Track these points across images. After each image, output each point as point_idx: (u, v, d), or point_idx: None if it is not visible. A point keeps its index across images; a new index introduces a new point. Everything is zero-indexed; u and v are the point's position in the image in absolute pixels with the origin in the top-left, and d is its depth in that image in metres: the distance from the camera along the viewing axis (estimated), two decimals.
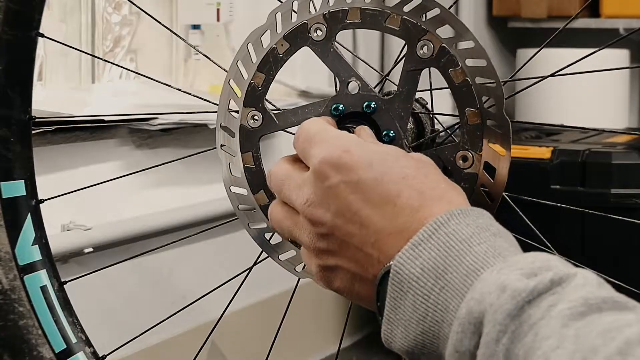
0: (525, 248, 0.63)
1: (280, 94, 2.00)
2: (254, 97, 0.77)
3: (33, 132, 0.89)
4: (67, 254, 1.48)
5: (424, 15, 0.73)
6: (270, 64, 0.77)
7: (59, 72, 1.73)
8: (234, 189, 0.78)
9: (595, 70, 0.92)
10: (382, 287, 0.63)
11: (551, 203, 0.93)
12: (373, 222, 0.63)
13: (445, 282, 0.59)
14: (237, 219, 0.80)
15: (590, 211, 0.95)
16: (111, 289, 1.61)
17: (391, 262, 0.61)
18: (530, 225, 0.84)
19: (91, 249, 1.51)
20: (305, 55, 0.80)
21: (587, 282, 0.56)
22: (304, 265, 0.78)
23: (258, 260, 0.87)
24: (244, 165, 0.78)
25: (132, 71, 1.76)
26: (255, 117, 0.77)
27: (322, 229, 0.66)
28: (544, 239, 0.85)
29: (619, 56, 2.51)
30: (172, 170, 1.75)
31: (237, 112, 0.78)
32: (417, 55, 0.73)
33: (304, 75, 2.02)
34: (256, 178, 0.78)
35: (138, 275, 1.68)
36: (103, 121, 1.52)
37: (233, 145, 0.78)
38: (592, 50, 0.90)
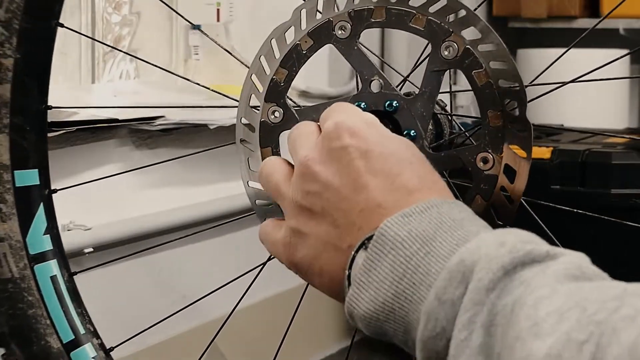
0: None
1: None
2: (276, 92, 0.77)
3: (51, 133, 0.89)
4: (67, 254, 1.47)
5: (448, 16, 0.73)
6: (293, 60, 0.77)
7: (58, 72, 1.73)
8: (252, 184, 0.79)
9: (620, 77, 0.92)
10: (357, 254, 0.62)
11: (567, 208, 0.93)
12: (368, 190, 0.63)
13: (431, 248, 0.59)
14: (243, 217, 0.80)
15: (606, 217, 0.94)
16: (111, 288, 1.61)
17: (374, 231, 0.61)
18: (546, 229, 0.84)
19: (91, 249, 1.51)
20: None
21: (582, 260, 0.56)
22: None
23: (272, 256, 0.87)
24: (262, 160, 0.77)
25: (151, 64, 1.76)
26: (276, 113, 0.77)
27: (314, 185, 0.65)
28: (558, 243, 0.85)
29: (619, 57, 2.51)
30: (172, 170, 1.75)
31: (257, 107, 0.78)
32: (441, 56, 0.73)
33: (304, 75, 2.02)
34: None
35: (138, 275, 1.68)
36: (118, 120, 1.52)
37: (253, 140, 0.78)
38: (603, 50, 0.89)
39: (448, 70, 0.75)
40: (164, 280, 1.74)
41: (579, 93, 2.44)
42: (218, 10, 1.96)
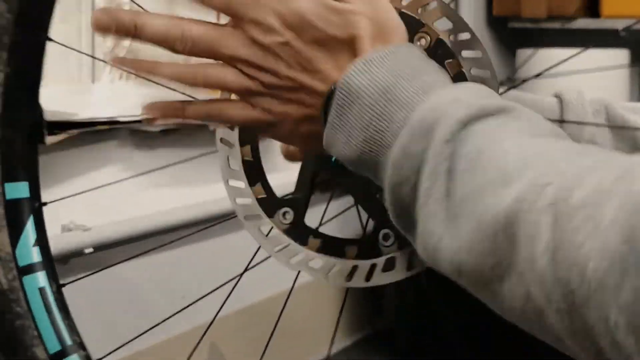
0: None
1: None
2: None
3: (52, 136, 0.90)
4: (67, 254, 1.48)
5: (420, 8, 0.75)
6: None
7: (59, 72, 1.73)
8: (231, 182, 0.79)
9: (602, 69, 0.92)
10: (329, 101, 0.64)
11: None
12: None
13: (392, 96, 0.62)
14: (225, 220, 0.80)
15: None
16: (111, 289, 1.61)
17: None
18: None
19: (91, 249, 1.51)
20: None
21: (531, 115, 0.60)
22: (299, 258, 0.78)
23: (249, 267, 0.88)
24: (242, 158, 0.78)
25: None
26: None
27: (286, 34, 0.65)
28: None
29: (619, 56, 2.51)
30: (172, 171, 1.75)
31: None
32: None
33: None
34: (254, 171, 0.78)
35: (137, 276, 1.68)
36: (118, 122, 1.52)
37: (232, 138, 0.79)
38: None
39: None
40: (163, 281, 1.74)
41: (565, 86, 2.44)
42: None
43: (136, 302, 1.66)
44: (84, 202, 1.52)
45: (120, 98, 1.75)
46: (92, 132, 1.56)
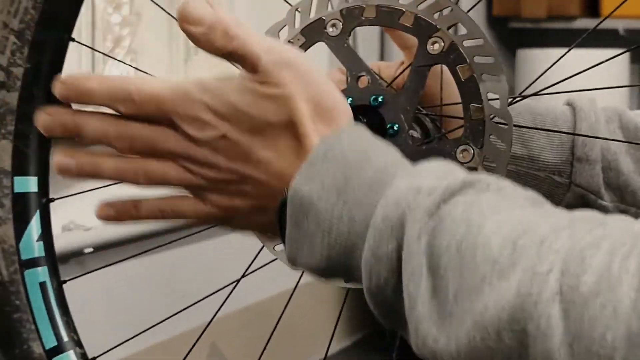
0: None
1: None
2: None
3: None
4: (67, 254, 1.48)
5: (436, 13, 0.75)
6: None
7: None
8: None
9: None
10: (282, 212, 0.62)
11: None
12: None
13: (347, 197, 0.59)
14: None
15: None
16: (110, 289, 1.61)
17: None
18: None
19: (91, 249, 1.51)
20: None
21: (505, 182, 0.57)
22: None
23: (247, 273, 0.88)
24: None
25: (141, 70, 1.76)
26: None
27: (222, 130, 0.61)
28: None
29: (619, 57, 2.51)
30: None
31: None
32: (427, 51, 0.75)
33: None
34: None
35: (137, 276, 1.69)
36: None
37: None
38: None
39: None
40: (164, 281, 1.74)
41: (577, 94, 2.44)
42: None
43: (136, 301, 1.66)
44: (84, 202, 1.52)
45: None
46: None
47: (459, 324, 0.53)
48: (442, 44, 0.74)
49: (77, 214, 1.52)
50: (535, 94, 0.84)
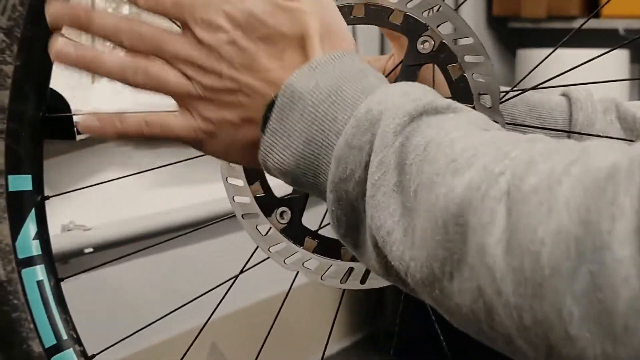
0: None
1: None
2: None
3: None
4: (67, 254, 1.48)
5: (425, 12, 0.74)
6: None
7: (58, 72, 1.72)
8: (230, 180, 0.79)
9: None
10: (270, 109, 0.62)
11: None
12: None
13: (337, 97, 0.61)
14: (224, 219, 0.81)
15: None
16: (110, 288, 1.61)
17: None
18: None
19: (91, 249, 1.51)
20: None
21: (485, 117, 0.59)
22: (295, 259, 0.79)
23: (245, 269, 0.88)
24: None
25: None
26: None
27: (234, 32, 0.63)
28: None
29: (619, 56, 2.51)
30: (172, 171, 1.75)
31: None
32: (418, 50, 0.75)
33: None
34: (253, 170, 0.78)
35: (138, 275, 1.68)
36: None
37: None
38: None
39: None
40: (163, 281, 1.74)
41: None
42: None
43: (136, 301, 1.66)
44: (84, 202, 1.52)
45: (122, 97, 1.75)
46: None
47: (414, 218, 0.54)
48: (432, 43, 0.74)
49: (77, 214, 1.52)
50: (523, 91, 0.84)
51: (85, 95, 1.76)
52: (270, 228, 0.79)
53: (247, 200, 0.79)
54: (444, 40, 0.74)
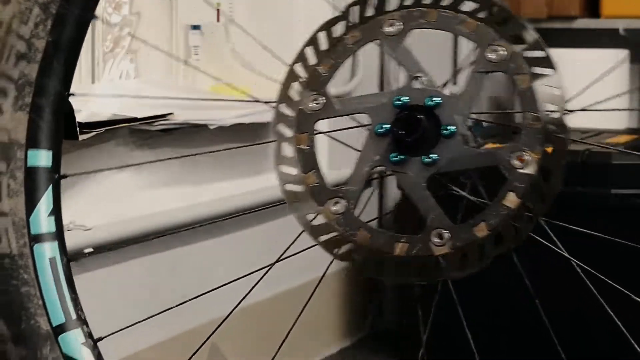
0: None
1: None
2: (318, 81, 0.80)
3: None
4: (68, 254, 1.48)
5: (500, 22, 0.77)
6: (339, 52, 0.81)
7: None
8: (283, 168, 0.80)
9: None
10: None
11: (600, 235, 0.95)
12: None
13: None
14: (273, 206, 0.81)
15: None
16: (112, 287, 1.61)
17: None
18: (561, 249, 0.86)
19: (91, 249, 1.51)
20: None
21: None
22: (346, 250, 0.79)
23: (282, 257, 0.89)
24: (297, 146, 0.80)
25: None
26: (317, 101, 0.80)
27: None
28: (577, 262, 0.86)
29: (619, 56, 2.51)
30: (173, 170, 1.75)
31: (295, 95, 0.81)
32: (487, 58, 0.76)
33: None
34: (308, 159, 0.80)
35: (138, 274, 1.68)
36: (137, 119, 1.54)
37: (289, 126, 0.81)
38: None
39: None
40: (165, 280, 1.74)
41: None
42: (218, 10, 1.96)
43: (135, 301, 1.66)
44: (84, 202, 1.52)
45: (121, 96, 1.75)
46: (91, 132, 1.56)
47: None
48: (503, 52, 0.76)
49: (77, 214, 1.52)
50: (588, 109, 0.85)
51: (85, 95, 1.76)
52: (316, 216, 0.79)
53: (299, 188, 0.80)
54: (515, 51, 0.75)
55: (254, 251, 1.80)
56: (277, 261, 0.89)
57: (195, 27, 1.98)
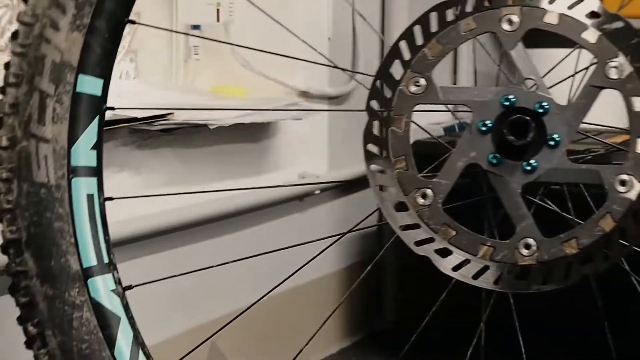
0: None
1: (280, 94, 2.00)
2: (423, 64, 0.77)
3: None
4: None
5: (621, 38, 0.75)
6: (452, 37, 0.78)
7: None
8: (370, 147, 0.78)
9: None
10: None
11: None
12: None
13: None
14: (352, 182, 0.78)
15: None
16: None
17: None
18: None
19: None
20: (307, 54, 0.80)
21: None
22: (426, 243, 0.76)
23: (355, 228, 0.86)
24: (391, 128, 0.77)
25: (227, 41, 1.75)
26: (418, 84, 0.77)
27: None
28: None
29: None
30: (173, 170, 1.75)
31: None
32: (605, 74, 0.75)
33: (304, 75, 2.02)
34: (400, 142, 0.77)
35: (137, 275, 1.68)
36: (138, 119, 1.53)
37: (384, 106, 0.77)
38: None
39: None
40: (164, 280, 1.74)
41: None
42: (218, 10, 1.96)
43: (135, 301, 1.66)
44: None
45: (121, 96, 1.75)
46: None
47: None
48: (622, 70, 0.74)
49: None
50: None
51: None
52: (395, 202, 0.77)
53: (386, 171, 0.77)
54: (634, 72, 0.74)
55: (254, 251, 1.80)
56: (348, 232, 0.86)
57: (195, 27, 1.98)
